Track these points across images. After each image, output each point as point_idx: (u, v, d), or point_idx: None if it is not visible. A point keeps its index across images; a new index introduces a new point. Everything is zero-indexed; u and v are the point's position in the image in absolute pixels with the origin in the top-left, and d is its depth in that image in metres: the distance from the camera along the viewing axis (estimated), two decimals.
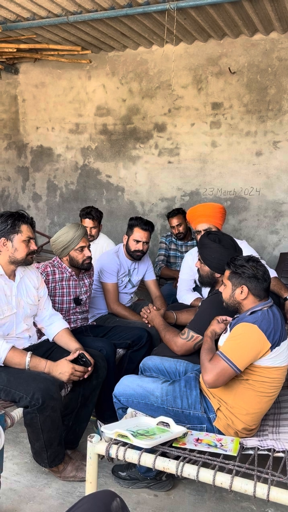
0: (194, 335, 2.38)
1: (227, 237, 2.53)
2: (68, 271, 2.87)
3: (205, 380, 1.93)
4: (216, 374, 1.91)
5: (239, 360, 1.90)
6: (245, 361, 1.91)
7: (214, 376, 1.91)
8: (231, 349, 1.92)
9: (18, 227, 2.33)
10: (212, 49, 4.67)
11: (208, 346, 2.10)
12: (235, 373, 1.92)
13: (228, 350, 1.93)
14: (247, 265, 2.04)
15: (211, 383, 1.92)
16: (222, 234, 2.56)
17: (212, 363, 1.94)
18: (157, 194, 5.21)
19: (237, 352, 1.91)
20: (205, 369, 1.95)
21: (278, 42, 4.42)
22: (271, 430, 2.10)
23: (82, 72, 5.37)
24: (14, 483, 2.34)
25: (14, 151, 5.99)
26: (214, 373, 1.91)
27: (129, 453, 1.75)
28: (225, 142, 4.78)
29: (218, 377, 1.91)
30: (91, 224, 4.00)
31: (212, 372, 1.91)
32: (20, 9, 3.90)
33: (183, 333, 2.43)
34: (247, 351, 1.90)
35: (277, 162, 4.60)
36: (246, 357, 1.91)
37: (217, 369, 1.91)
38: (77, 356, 2.36)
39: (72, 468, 2.35)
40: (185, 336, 2.41)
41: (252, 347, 1.90)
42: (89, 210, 4.01)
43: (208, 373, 1.92)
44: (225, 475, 1.62)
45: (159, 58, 4.90)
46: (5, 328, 2.37)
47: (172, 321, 2.88)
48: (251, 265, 2.04)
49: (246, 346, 1.90)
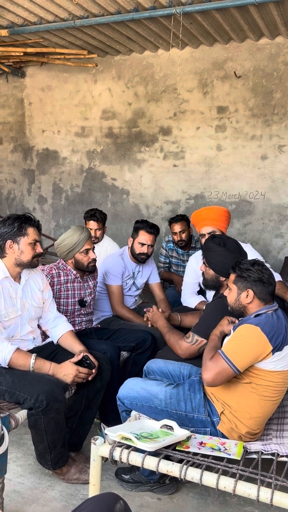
0: (198, 339, 2.38)
1: (232, 240, 2.53)
2: (73, 273, 2.88)
3: (204, 378, 1.96)
4: (215, 373, 1.92)
5: (239, 361, 1.91)
6: (245, 362, 1.92)
7: (213, 375, 1.92)
8: (232, 349, 1.94)
9: (24, 230, 2.34)
10: (217, 53, 4.69)
11: (213, 344, 2.11)
12: (234, 373, 1.93)
13: (229, 350, 1.94)
14: (253, 269, 2.04)
15: (210, 382, 1.95)
16: (226, 238, 2.56)
17: (213, 361, 1.95)
18: (162, 197, 5.22)
19: (238, 352, 1.92)
20: (205, 367, 1.97)
21: (284, 46, 4.42)
22: (275, 434, 2.09)
23: (88, 76, 5.40)
24: (17, 485, 2.34)
25: (20, 154, 6.02)
26: (213, 372, 1.93)
27: (133, 456, 1.75)
28: (230, 146, 4.79)
29: (217, 376, 1.93)
30: (95, 226, 4.01)
31: (212, 370, 1.93)
32: (27, 13, 3.94)
33: (188, 337, 2.43)
34: (247, 352, 1.91)
35: (282, 166, 4.60)
36: (246, 358, 1.91)
37: (217, 368, 1.93)
38: (81, 358, 2.36)
39: (75, 471, 2.35)
40: (189, 340, 2.41)
41: (252, 348, 1.90)
42: (94, 212, 4.02)
43: (207, 371, 1.94)
44: (228, 479, 1.62)
45: (165, 62, 4.92)
46: (10, 330, 2.38)
47: (177, 323, 2.88)
48: (257, 269, 2.04)
49: (247, 347, 1.91)
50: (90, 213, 4.03)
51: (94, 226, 4.01)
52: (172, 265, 4.29)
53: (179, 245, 4.11)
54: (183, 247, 4.14)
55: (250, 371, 1.96)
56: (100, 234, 4.06)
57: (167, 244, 4.27)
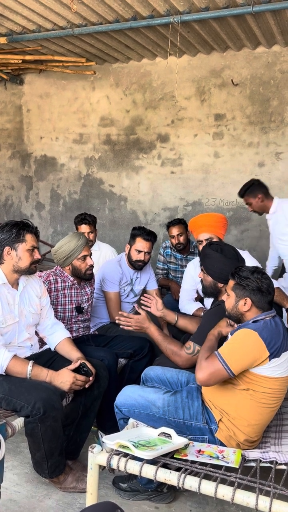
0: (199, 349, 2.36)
1: (229, 247, 2.54)
2: (70, 279, 2.87)
3: (198, 377, 1.96)
4: (209, 373, 1.93)
5: (234, 364, 1.91)
6: (240, 366, 1.92)
7: (207, 375, 1.93)
8: (228, 352, 1.94)
9: (22, 236, 2.34)
10: (215, 62, 4.72)
11: (210, 344, 2.11)
12: (229, 376, 1.93)
13: (225, 353, 1.94)
14: (252, 277, 2.03)
15: (203, 381, 1.95)
16: (224, 244, 2.56)
17: (208, 361, 1.96)
18: (160, 204, 5.23)
19: (234, 355, 1.92)
20: (200, 366, 1.97)
21: (280, 55, 4.46)
22: (273, 442, 2.08)
23: (87, 83, 5.43)
24: (14, 494, 2.32)
25: (18, 160, 6.03)
26: (207, 372, 1.93)
27: (130, 464, 1.74)
28: (228, 153, 4.81)
29: (210, 377, 1.93)
30: (87, 229, 4.00)
31: (206, 370, 1.93)
32: (26, 21, 3.96)
33: (188, 347, 2.39)
34: (243, 356, 1.91)
35: (279, 173, 4.62)
36: (242, 362, 1.91)
37: (211, 368, 1.93)
38: (79, 365, 2.35)
39: (72, 479, 2.33)
40: (190, 350, 2.38)
41: (249, 353, 1.90)
42: (83, 216, 4.04)
43: (201, 370, 1.95)
44: (227, 487, 1.61)
45: (163, 70, 4.96)
46: (7, 336, 2.37)
47: (173, 321, 2.82)
48: (256, 277, 2.03)
49: (243, 351, 1.91)
50: (80, 217, 4.05)
51: (86, 230, 4.00)
52: (170, 271, 4.28)
53: (177, 248, 4.11)
54: (181, 250, 4.13)
55: (247, 377, 1.95)
56: (93, 236, 4.06)
57: (165, 250, 4.27)
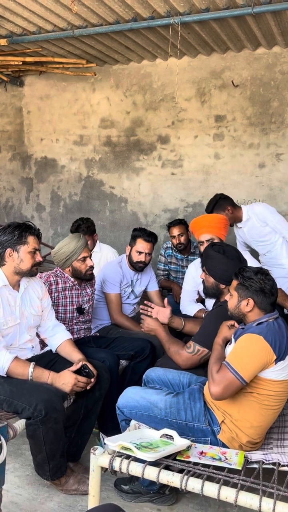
0: (200, 349, 2.36)
1: (232, 248, 2.53)
2: (71, 280, 2.87)
3: (212, 393, 1.91)
4: (224, 386, 1.88)
5: (246, 372, 1.88)
6: (251, 372, 1.89)
7: (221, 388, 1.88)
8: (237, 360, 1.90)
9: (24, 238, 2.34)
10: (215, 63, 4.72)
11: (218, 354, 2.06)
12: (242, 385, 1.90)
13: (234, 361, 1.91)
14: (255, 278, 2.02)
15: (218, 396, 1.90)
16: (226, 245, 2.56)
17: (220, 374, 1.91)
18: (160, 205, 5.23)
19: (244, 363, 1.89)
20: (213, 381, 1.92)
21: (280, 56, 4.46)
22: (275, 444, 2.08)
23: (87, 85, 5.43)
24: (15, 496, 2.31)
25: (18, 162, 6.03)
26: (221, 385, 1.88)
27: (133, 466, 1.73)
28: (228, 154, 4.81)
29: (225, 390, 1.88)
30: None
31: (220, 384, 1.88)
32: (26, 23, 3.96)
33: (189, 347, 2.40)
34: (253, 362, 1.88)
35: (280, 174, 4.61)
36: (252, 369, 1.89)
37: (224, 381, 1.88)
38: (80, 367, 2.35)
39: (74, 481, 2.32)
40: (190, 350, 2.38)
41: (258, 358, 1.88)
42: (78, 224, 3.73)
43: (215, 385, 1.89)
44: (230, 489, 1.60)
45: (163, 71, 4.95)
46: (8, 338, 2.37)
47: (180, 327, 2.83)
48: (259, 278, 2.02)
49: (252, 357, 1.89)
50: (75, 225, 3.76)
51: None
52: (171, 272, 4.28)
53: (178, 248, 4.11)
54: (182, 251, 4.14)
55: (253, 381, 1.93)
56: (90, 244, 3.74)
57: (166, 251, 4.27)
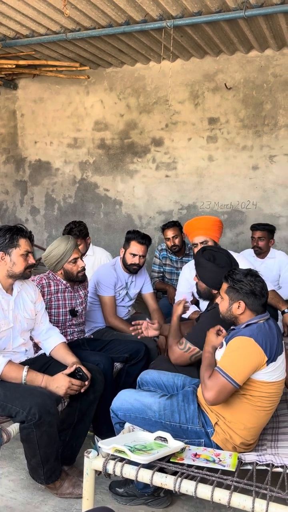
0: (191, 347, 2.37)
1: (222, 254, 2.50)
2: (63, 283, 2.86)
3: (206, 398, 1.91)
4: (216, 391, 1.89)
5: (238, 375, 1.88)
6: (244, 375, 1.89)
7: (215, 393, 1.89)
8: (229, 364, 1.91)
9: (16, 241, 2.33)
10: (208, 66, 4.75)
11: (209, 362, 2.06)
12: (235, 388, 1.90)
13: (226, 366, 1.91)
14: (245, 280, 2.02)
15: (212, 401, 1.90)
16: (217, 251, 2.54)
17: (212, 380, 1.91)
18: (155, 208, 5.24)
19: (235, 366, 1.89)
20: (206, 387, 1.93)
21: (273, 59, 4.50)
22: (269, 445, 2.08)
23: (80, 88, 5.44)
24: (10, 500, 2.30)
25: (12, 165, 6.02)
26: (214, 390, 1.89)
27: (127, 468, 1.73)
28: (222, 157, 4.83)
29: (218, 395, 1.89)
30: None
31: (213, 389, 1.89)
32: (19, 26, 3.97)
33: (181, 343, 2.41)
34: (245, 365, 1.89)
35: (273, 176, 4.64)
36: (244, 371, 1.89)
37: (217, 386, 1.89)
38: (74, 370, 2.34)
39: (68, 485, 2.31)
40: (182, 346, 2.40)
41: (249, 360, 1.89)
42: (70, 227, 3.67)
43: (208, 390, 1.90)
44: (223, 491, 1.60)
45: (156, 74, 4.97)
46: (2, 342, 2.36)
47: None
48: (249, 280, 2.02)
49: (243, 360, 1.89)
50: (67, 229, 3.69)
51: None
52: (165, 273, 4.28)
53: (173, 250, 4.12)
54: (176, 252, 4.14)
55: (246, 383, 1.93)
56: (82, 248, 3.72)
57: (160, 253, 4.27)
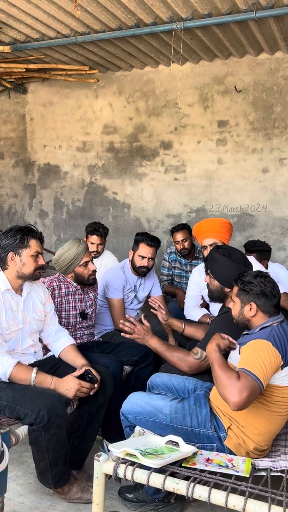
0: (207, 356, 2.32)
1: (237, 251, 2.50)
2: (73, 285, 2.85)
3: (235, 402, 1.71)
4: (248, 394, 1.72)
5: (264, 377, 1.78)
6: (267, 377, 1.81)
7: (245, 397, 1.71)
8: (254, 365, 1.79)
9: (27, 242, 2.32)
10: (218, 68, 4.73)
11: (221, 361, 1.93)
12: (261, 391, 1.79)
13: (252, 367, 1.79)
14: (255, 282, 1.98)
15: (242, 405, 1.72)
16: (231, 249, 2.53)
17: (242, 382, 1.74)
18: (163, 211, 5.22)
19: (260, 368, 1.79)
20: (234, 389, 1.73)
21: (283, 61, 4.47)
22: (283, 451, 2.03)
23: (90, 91, 5.45)
24: (17, 505, 2.27)
25: (21, 168, 6.04)
26: (245, 393, 1.71)
27: (138, 473, 1.69)
28: (231, 159, 4.80)
29: (249, 398, 1.72)
30: (98, 240, 3.98)
31: (243, 393, 1.71)
32: (29, 30, 3.98)
33: (196, 353, 2.35)
34: (267, 367, 1.80)
35: (283, 179, 4.60)
36: (268, 374, 1.80)
37: (248, 389, 1.73)
38: (84, 372, 2.31)
39: (77, 489, 2.28)
40: (198, 356, 2.34)
41: (270, 363, 1.81)
42: (97, 227, 3.97)
43: (238, 394, 1.71)
44: (238, 497, 1.56)
45: (166, 77, 4.97)
46: (11, 343, 2.34)
47: (179, 330, 2.80)
48: (259, 281, 1.98)
49: (266, 362, 1.81)
50: (93, 227, 3.98)
51: (96, 241, 3.96)
52: (175, 276, 4.25)
53: (182, 254, 4.10)
54: (186, 255, 4.12)
55: None
56: (101, 248, 4.02)
57: (170, 256, 4.25)
